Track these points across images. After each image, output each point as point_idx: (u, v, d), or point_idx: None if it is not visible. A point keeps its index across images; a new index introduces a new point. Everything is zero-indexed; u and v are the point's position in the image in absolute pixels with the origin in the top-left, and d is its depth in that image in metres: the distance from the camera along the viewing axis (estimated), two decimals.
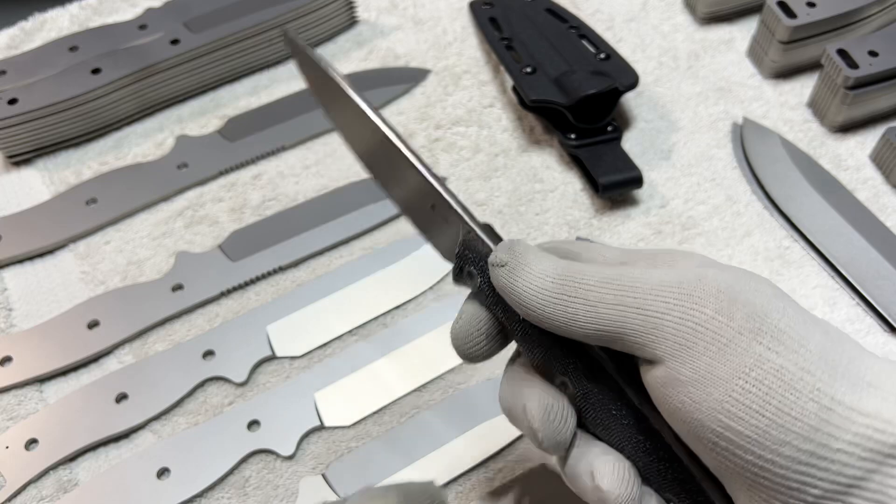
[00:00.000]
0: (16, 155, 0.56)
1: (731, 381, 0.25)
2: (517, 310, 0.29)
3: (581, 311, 0.27)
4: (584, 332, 0.28)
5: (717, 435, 0.25)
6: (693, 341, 0.26)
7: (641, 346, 0.27)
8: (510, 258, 0.29)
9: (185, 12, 0.59)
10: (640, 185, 0.52)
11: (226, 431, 0.44)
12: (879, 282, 0.49)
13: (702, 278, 0.27)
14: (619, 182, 0.52)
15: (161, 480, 0.42)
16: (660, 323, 0.26)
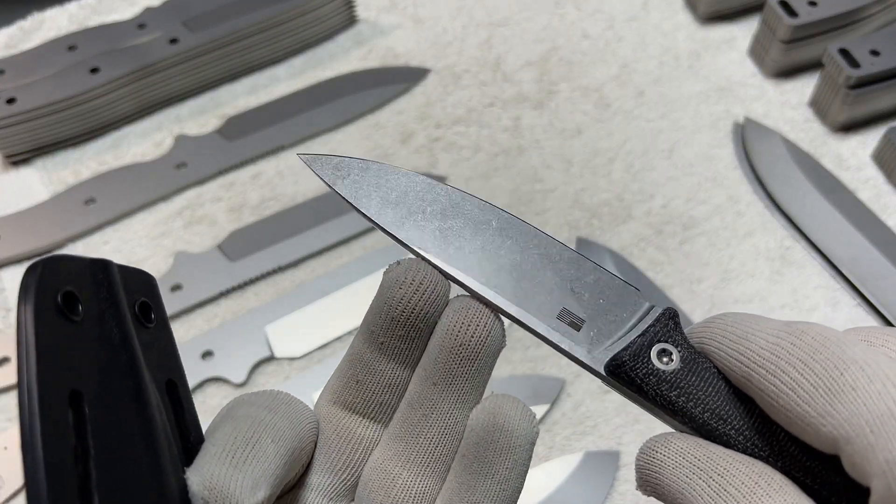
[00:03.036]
0: (14, 154, 0.55)
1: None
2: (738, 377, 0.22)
3: None
4: None
5: None
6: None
7: None
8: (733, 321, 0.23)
9: (184, 11, 0.59)
10: None
11: None
12: (881, 282, 0.49)
13: None
14: None
15: None
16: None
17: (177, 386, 0.23)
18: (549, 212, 0.53)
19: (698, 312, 0.49)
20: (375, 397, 0.25)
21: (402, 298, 0.24)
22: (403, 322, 0.24)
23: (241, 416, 0.23)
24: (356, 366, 0.25)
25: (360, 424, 0.25)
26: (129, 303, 0.22)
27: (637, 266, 0.51)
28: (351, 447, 0.25)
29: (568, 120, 0.58)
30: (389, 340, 0.24)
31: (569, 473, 0.43)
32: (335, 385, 0.25)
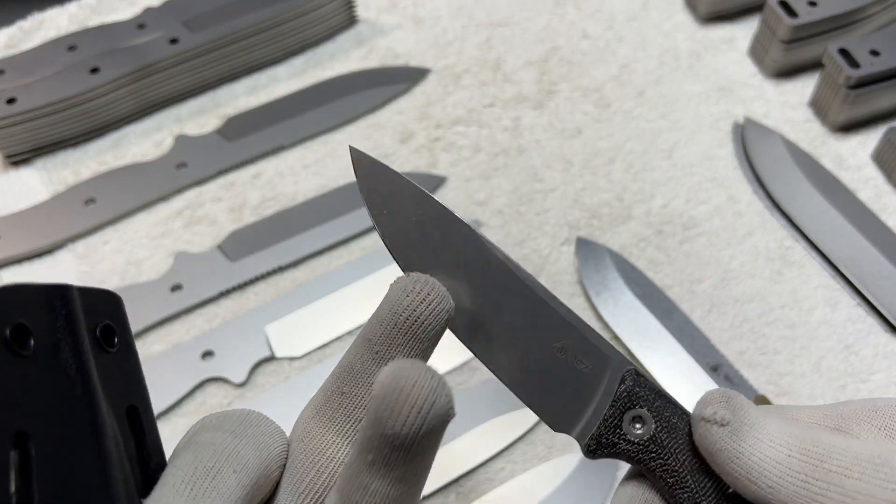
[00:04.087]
0: (14, 154, 0.56)
1: None
2: (738, 486, 0.22)
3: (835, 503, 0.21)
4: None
5: None
6: None
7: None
8: (732, 415, 0.22)
9: (184, 11, 0.59)
10: None
11: None
12: (881, 282, 0.49)
13: None
14: None
15: None
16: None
17: (138, 411, 0.22)
18: (549, 212, 0.53)
19: (698, 312, 0.49)
20: (358, 412, 0.24)
21: (409, 306, 0.23)
22: (405, 330, 0.23)
23: (203, 442, 0.22)
24: (343, 377, 0.24)
25: (334, 444, 0.24)
26: (90, 327, 0.21)
27: (637, 266, 0.51)
28: (317, 469, 0.24)
29: (568, 120, 0.58)
30: (386, 350, 0.24)
31: (568, 473, 0.43)
32: (318, 399, 0.25)
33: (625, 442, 0.24)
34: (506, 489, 0.43)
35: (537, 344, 0.25)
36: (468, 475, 0.43)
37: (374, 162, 0.25)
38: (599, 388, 0.24)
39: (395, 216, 0.25)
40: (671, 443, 0.24)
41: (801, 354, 0.47)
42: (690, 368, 0.46)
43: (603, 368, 0.25)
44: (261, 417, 0.24)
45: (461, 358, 0.47)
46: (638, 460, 0.24)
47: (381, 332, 0.24)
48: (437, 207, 0.25)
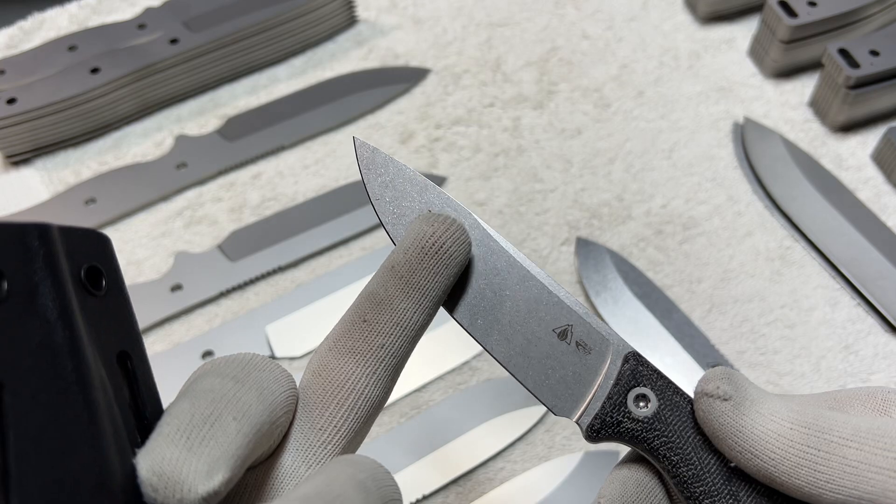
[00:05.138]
0: (15, 155, 0.56)
1: None
2: (741, 460, 0.23)
3: (837, 473, 0.21)
4: (834, 500, 0.22)
5: None
6: None
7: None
8: (734, 390, 0.23)
9: (185, 11, 0.59)
10: None
11: None
12: (881, 282, 0.49)
13: None
14: None
15: None
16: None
17: (131, 357, 0.21)
18: (549, 212, 0.53)
19: (698, 312, 0.49)
20: (379, 339, 0.23)
21: (434, 234, 0.24)
22: (432, 255, 0.24)
23: (202, 389, 0.21)
24: (365, 305, 0.24)
25: (354, 375, 0.23)
26: (74, 270, 0.20)
27: (637, 266, 0.51)
28: (337, 402, 0.23)
29: (568, 120, 0.58)
30: (411, 274, 0.24)
31: (568, 473, 0.43)
32: (336, 330, 0.24)
33: (629, 420, 0.24)
34: (506, 489, 0.43)
35: (539, 328, 0.25)
36: (468, 475, 0.43)
37: (376, 151, 0.26)
38: (601, 371, 0.25)
39: (397, 204, 0.26)
40: (674, 420, 0.24)
41: (800, 354, 0.47)
42: (690, 368, 0.46)
43: (604, 352, 0.25)
44: (265, 361, 0.23)
45: (461, 358, 0.47)
46: (641, 439, 0.24)
47: (405, 258, 0.24)
48: (439, 196, 0.26)
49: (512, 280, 0.25)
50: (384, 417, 0.45)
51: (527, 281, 0.25)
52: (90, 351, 0.19)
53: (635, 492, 0.24)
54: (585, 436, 0.25)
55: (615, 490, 0.25)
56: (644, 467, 0.25)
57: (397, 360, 0.24)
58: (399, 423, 0.45)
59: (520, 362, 0.25)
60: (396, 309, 0.24)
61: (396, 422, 0.45)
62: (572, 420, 0.25)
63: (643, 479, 0.25)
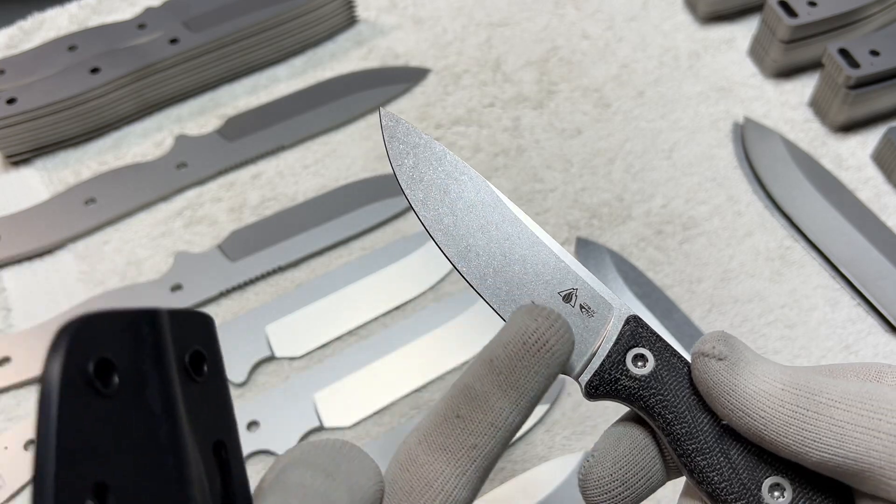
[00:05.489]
0: (15, 155, 0.56)
1: None
2: (732, 418, 0.24)
3: (824, 432, 0.22)
4: (820, 459, 0.22)
5: None
6: None
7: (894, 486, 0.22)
8: (730, 351, 0.23)
9: (185, 11, 0.59)
10: None
11: None
12: (881, 282, 0.49)
13: None
14: None
15: None
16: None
17: (226, 446, 0.20)
18: (549, 212, 0.53)
19: (698, 312, 0.49)
20: (472, 438, 0.22)
21: (537, 330, 0.23)
22: (534, 353, 0.23)
23: (292, 483, 0.20)
24: (460, 400, 0.23)
25: (443, 475, 0.22)
26: (179, 356, 0.19)
27: (637, 266, 0.51)
28: (425, 501, 0.22)
29: (568, 120, 0.58)
30: (510, 371, 0.23)
31: (568, 473, 0.43)
32: (427, 424, 0.23)
33: (627, 378, 0.25)
34: (506, 489, 0.43)
35: (545, 291, 0.26)
36: None
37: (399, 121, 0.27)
38: (602, 333, 0.26)
39: (416, 170, 0.27)
40: (670, 380, 0.25)
41: (800, 354, 0.47)
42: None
43: (606, 315, 0.26)
44: (354, 451, 0.22)
45: (461, 358, 0.47)
46: (638, 397, 0.25)
47: (505, 354, 0.23)
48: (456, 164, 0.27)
49: (522, 245, 0.27)
50: (384, 417, 0.45)
51: (536, 246, 0.27)
52: (190, 443, 0.18)
53: (629, 447, 0.25)
54: (584, 393, 0.26)
55: (609, 444, 0.25)
56: (639, 426, 0.26)
57: (488, 462, 0.23)
58: (399, 423, 0.45)
59: None
60: (493, 408, 0.22)
61: (397, 422, 0.45)
62: (573, 377, 0.26)
63: (637, 436, 0.25)
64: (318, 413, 0.45)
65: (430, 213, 0.27)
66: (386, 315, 0.49)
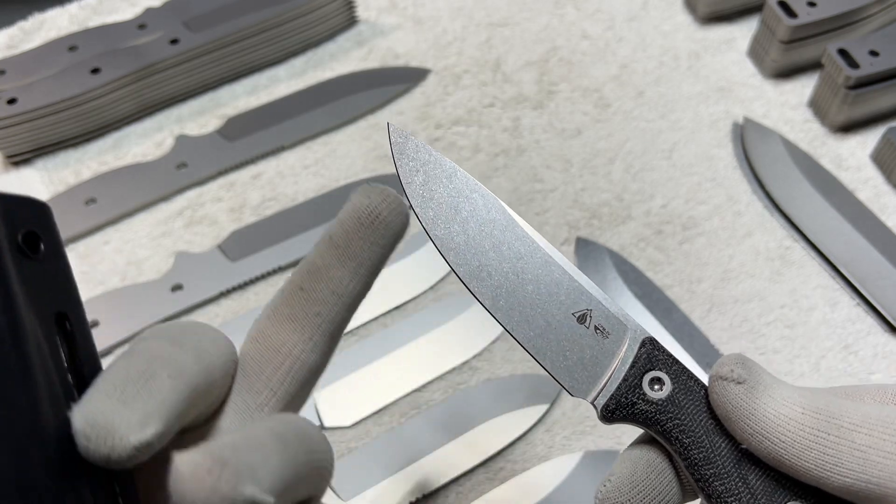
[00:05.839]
0: (15, 155, 0.56)
1: None
2: (751, 442, 0.23)
3: (846, 456, 0.22)
4: (842, 483, 0.22)
5: None
6: None
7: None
8: (748, 374, 0.23)
9: (185, 12, 0.59)
10: None
11: None
12: (880, 282, 0.49)
13: None
14: None
15: None
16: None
17: (69, 318, 0.22)
18: (549, 212, 0.53)
19: (697, 312, 0.49)
20: (315, 307, 0.24)
21: (370, 205, 0.25)
22: (367, 225, 0.24)
23: (139, 349, 0.21)
24: (304, 275, 0.25)
25: (290, 341, 0.24)
26: (10, 234, 0.21)
27: (637, 266, 0.51)
28: (273, 366, 0.24)
29: (568, 120, 0.58)
30: (347, 244, 0.24)
31: (568, 473, 0.43)
32: (275, 300, 0.25)
33: (643, 402, 0.25)
34: (506, 489, 0.43)
35: (559, 311, 0.26)
36: (468, 474, 0.43)
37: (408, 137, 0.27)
38: (617, 354, 0.26)
39: (426, 188, 0.27)
40: (688, 403, 0.25)
41: (800, 354, 0.47)
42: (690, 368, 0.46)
43: (621, 336, 0.26)
44: (205, 327, 0.24)
45: (461, 358, 0.47)
46: (655, 421, 0.25)
47: (342, 229, 0.25)
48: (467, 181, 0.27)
49: (534, 265, 0.27)
50: (384, 417, 0.45)
51: (549, 266, 0.27)
52: (25, 309, 0.20)
53: (645, 471, 0.25)
54: (600, 416, 0.26)
55: (626, 469, 0.25)
56: (655, 449, 0.25)
57: (333, 328, 0.25)
58: (399, 423, 0.45)
59: (539, 344, 0.26)
60: (333, 278, 0.24)
61: (396, 422, 0.45)
62: (588, 401, 0.26)
63: (654, 459, 0.25)
64: (318, 413, 0.45)
65: (441, 232, 0.27)
66: (386, 315, 0.49)
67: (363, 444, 0.44)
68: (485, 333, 0.48)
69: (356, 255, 0.25)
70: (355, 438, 0.45)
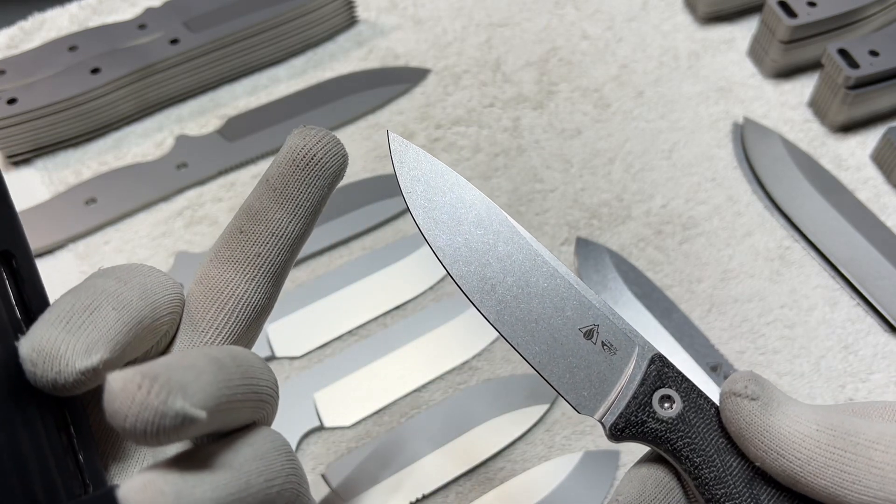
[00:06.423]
0: (15, 155, 0.56)
1: None
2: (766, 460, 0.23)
3: (864, 474, 0.21)
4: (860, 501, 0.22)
5: None
6: None
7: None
8: (762, 391, 0.23)
9: (185, 12, 0.59)
10: None
11: None
12: (880, 282, 0.49)
13: None
14: None
15: None
16: None
17: (14, 256, 0.22)
18: (548, 212, 0.53)
19: (697, 312, 0.49)
20: (255, 248, 0.25)
21: (305, 146, 0.24)
22: (303, 167, 0.24)
23: (86, 285, 0.22)
24: (243, 217, 0.25)
25: (233, 282, 0.25)
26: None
27: (637, 266, 0.51)
28: (217, 306, 0.24)
29: (568, 120, 0.58)
30: (284, 186, 0.24)
31: (568, 473, 0.43)
32: (217, 244, 0.25)
33: (654, 420, 0.25)
34: (506, 489, 0.43)
35: (565, 326, 0.26)
36: (468, 475, 0.43)
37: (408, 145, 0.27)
38: (626, 372, 0.25)
39: (428, 198, 0.26)
40: (698, 422, 0.24)
41: (800, 354, 0.47)
42: (690, 368, 0.46)
43: (629, 352, 0.25)
44: (151, 269, 0.24)
45: (461, 358, 0.47)
46: (664, 440, 0.25)
47: (278, 171, 0.25)
48: (470, 191, 0.26)
49: (540, 278, 0.26)
50: (384, 417, 0.45)
51: (554, 279, 0.26)
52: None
53: (654, 491, 0.25)
54: (609, 435, 0.25)
55: (634, 489, 0.25)
56: (663, 467, 0.25)
57: (276, 269, 0.25)
58: (399, 422, 0.45)
59: (545, 359, 0.26)
60: (271, 219, 0.25)
61: (397, 422, 0.45)
62: (595, 419, 0.25)
63: (662, 478, 0.25)
64: (318, 413, 0.45)
65: (443, 243, 0.26)
66: (386, 315, 0.49)
67: (363, 444, 0.44)
68: (485, 333, 0.48)
69: (293, 196, 0.25)
70: (355, 438, 0.45)
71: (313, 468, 0.44)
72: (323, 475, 0.43)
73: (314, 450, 0.44)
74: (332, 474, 0.43)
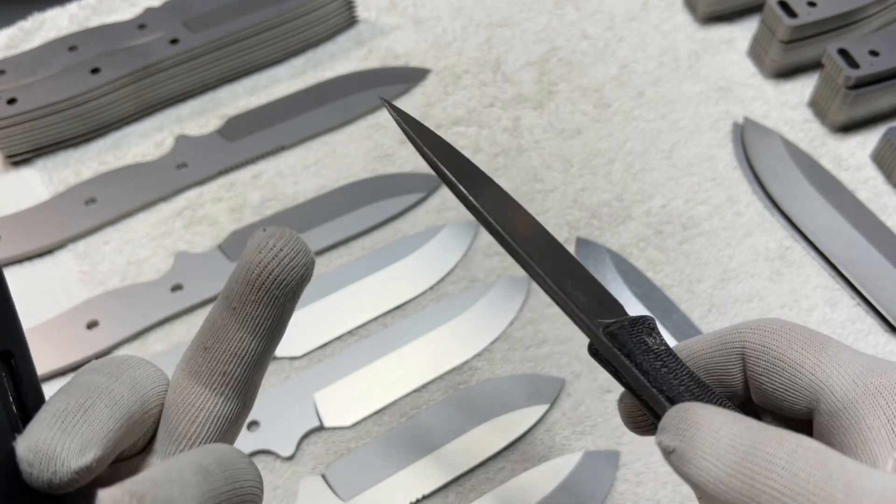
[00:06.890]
0: (15, 155, 0.56)
1: None
2: (701, 500, 0.24)
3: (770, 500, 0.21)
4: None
5: None
6: None
7: None
8: (679, 439, 0.23)
9: (185, 12, 0.59)
10: None
11: None
12: (880, 282, 0.49)
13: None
14: None
15: None
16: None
17: (13, 356, 0.23)
18: (548, 212, 0.53)
19: (697, 312, 0.49)
20: (220, 366, 0.24)
21: (260, 262, 0.24)
22: (258, 287, 0.24)
23: (77, 382, 0.23)
24: (206, 333, 0.25)
25: (202, 395, 0.25)
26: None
27: (637, 266, 0.51)
28: (188, 418, 0.24)
29: (568, 120, 0.58)
30: (242, 305, 0.24)
31: (568, 473, 0.43)
32: (187, 353, 0.25)
33: (642, 342, 0.26)
34: (506, 489, 0.43)
35: None
36: (468, 474, 0.43)
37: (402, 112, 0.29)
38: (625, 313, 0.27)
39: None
40: (675, 363, 0.25)
41: None
42: None
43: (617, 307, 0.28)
44: (140, 361, 0.25)
45: (461, 358, 0.47)
46: (644, 361, 0.25)
47: (236, 289, 0.24)
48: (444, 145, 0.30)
49: None
50: (384, 417, 0.45)
51: None
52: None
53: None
54: (603, 332, 0.26)
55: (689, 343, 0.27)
56: None
57: (243, 384, 0.25)
58: (399, 422, 0.45)
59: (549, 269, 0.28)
60: (232, 339, 0.24)
61: (397, 422, 0.45)
62: (598, 320, 0.26)
63: None
64: (318, 413, 0.45)
65: None
66: (386, 315, 0.49)
67: (363, 445, 0.44)
68: (485, 333, 0.48)
69: (252, 315, 0.24)
70: (355, 438, 0.45)
71: (313, 468, 0.44)
72: (323, 475, 0.43)
73: (314, 450, 0.44)
74: (332, 474, 0.43)
